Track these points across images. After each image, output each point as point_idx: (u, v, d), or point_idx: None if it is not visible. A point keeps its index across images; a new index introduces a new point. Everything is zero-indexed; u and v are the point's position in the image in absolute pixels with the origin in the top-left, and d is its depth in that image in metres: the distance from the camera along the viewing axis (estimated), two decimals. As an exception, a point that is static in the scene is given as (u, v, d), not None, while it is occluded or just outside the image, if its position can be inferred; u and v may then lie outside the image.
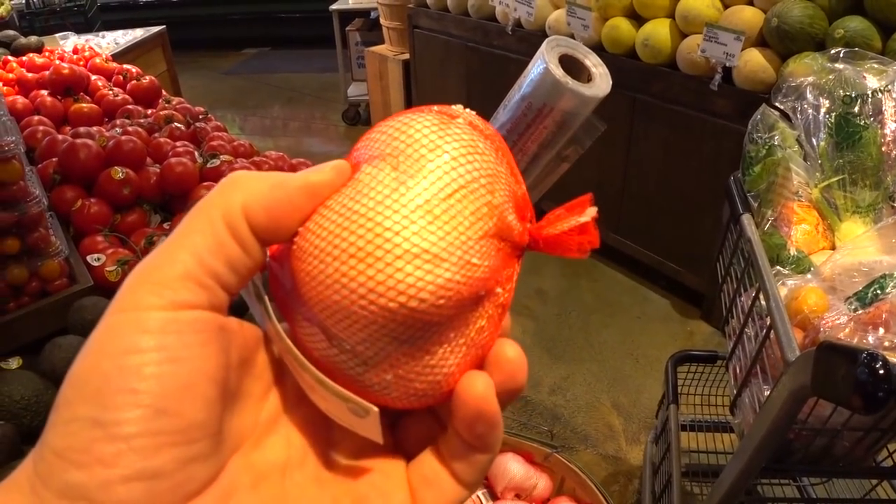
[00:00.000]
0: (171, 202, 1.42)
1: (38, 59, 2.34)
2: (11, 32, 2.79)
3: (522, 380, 0.28)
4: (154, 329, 0.22)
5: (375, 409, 0.26)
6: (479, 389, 0.26)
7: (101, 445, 0.20)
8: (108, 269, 1.14)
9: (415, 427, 0.30)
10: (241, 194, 0.25)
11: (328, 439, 0.30)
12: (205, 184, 1.36)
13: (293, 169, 1.50)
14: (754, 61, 2.10)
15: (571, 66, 0.65)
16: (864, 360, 0.64)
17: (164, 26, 3.57)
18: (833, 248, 1.09)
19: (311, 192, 0.25)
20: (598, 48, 2.53)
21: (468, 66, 3.42)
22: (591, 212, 0.27)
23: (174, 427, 0.21)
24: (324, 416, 0.29)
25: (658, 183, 2.61)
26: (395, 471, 0.29)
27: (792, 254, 1.05)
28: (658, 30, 2.35)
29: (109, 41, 3.29)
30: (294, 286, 0.27)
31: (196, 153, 1.47)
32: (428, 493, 0.28)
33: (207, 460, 0.23)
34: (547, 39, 0.64)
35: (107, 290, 1.15)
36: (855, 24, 1.91)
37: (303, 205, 0.25)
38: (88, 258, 1.15)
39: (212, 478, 0.24)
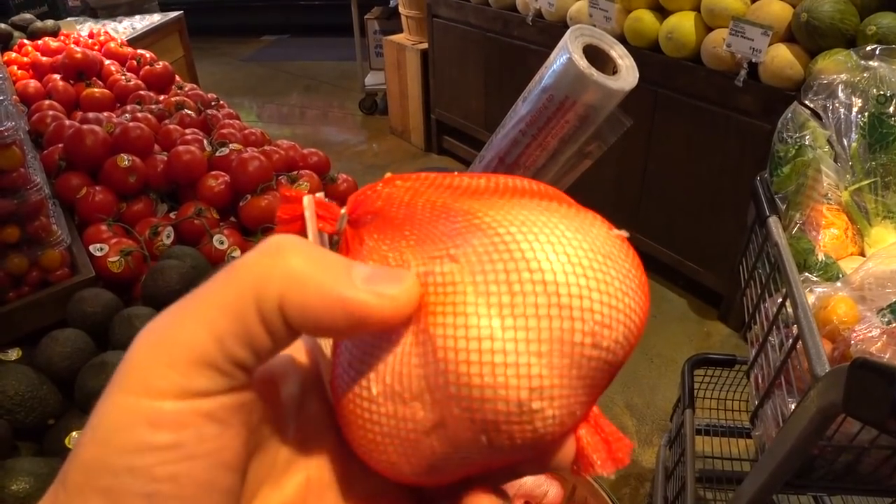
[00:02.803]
0: (179, 191, 1.39)
1: (53, 43, 2.32)
2: (28, 16, 2.78)
3: None
4: (167, 423, 0.20)
5: None
6: None
7: None
8: (110, 259, 1.11)
9: None
10: (281, 284, 0.21)
11: (347, 476, 0.28)
12: (212, 173, 1.33)
13: (304, 160, 1.46)
14: (781, 57, 2.04)
15: (596, 56, 0.61)
16: (904, 381, 0.60)
17: (181, 12, 3.54)
18: (861, 253, 1.04)
19: (365, 322, 0.21)
20: (620, 40, 2.47)
21: (487, 57, 3.38)
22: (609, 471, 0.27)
23: None
24: (342, 453, 0.28)
25: (679, 180, 2.55)
26: None
27: (820, 259, 1.00)
28: (683, 23, 2.30)
29: (126, 26, 3.26)
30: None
31: (205, 141, 1.43)
32: None
33: None
34: (571, 28, 0.60)
35: (109, 281, 1.12)
36: (888, 20, 1.85)
37: (349, 330, 0.21)
38: (91, 248, 1.12)
39: None
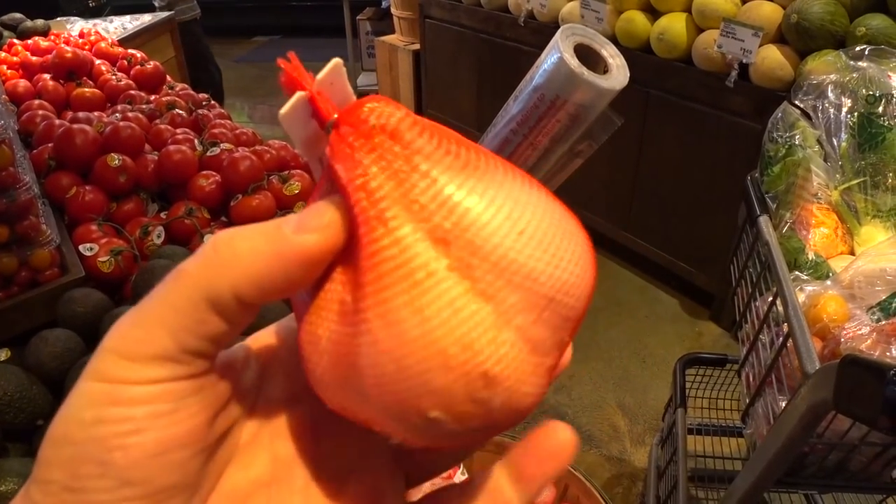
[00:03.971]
0: (169, 190, 1.38)
1: (43, 43, 2.31)
2: (18, 15, 2.76)
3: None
4: (125, 401, 0.22)
5: None
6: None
7: None
8: (100, 259, 1.10)
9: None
10: (229, 274, 0.22)
11: (316, 452, 0.28)
12: (203, 172, 1.32)
13: (295, 159, 1.46)
14: (772, 58, 2.05)
15: (587, 56, 0.61)
16: (894, 377, 0.60)
17: (172, 12, 3.53)
18: (851, 252, 1.05)
19: (312, 265, 0.23)
20: (611, 41, 2.49)
21: (479, 58, 3.38)
22: None
23: (142, 493, 0.22)
24: (311, 428, 0.28)
25: (670, 181, 2.56)
26: (388, 486, 0.28)
27: (810, 258, 1.01)
28: (674, 24, 2.31)
29: (117, 26, 3.25)
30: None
31: (196, 141, 1.43)
32: None
33: None
34: (562, 27, 0.60)
35: (99, 280, 1.12)
36: (877, 21, 1.86)
37: (302, 279, 0.23)
38: (81, 248, 1.11)
39: None
